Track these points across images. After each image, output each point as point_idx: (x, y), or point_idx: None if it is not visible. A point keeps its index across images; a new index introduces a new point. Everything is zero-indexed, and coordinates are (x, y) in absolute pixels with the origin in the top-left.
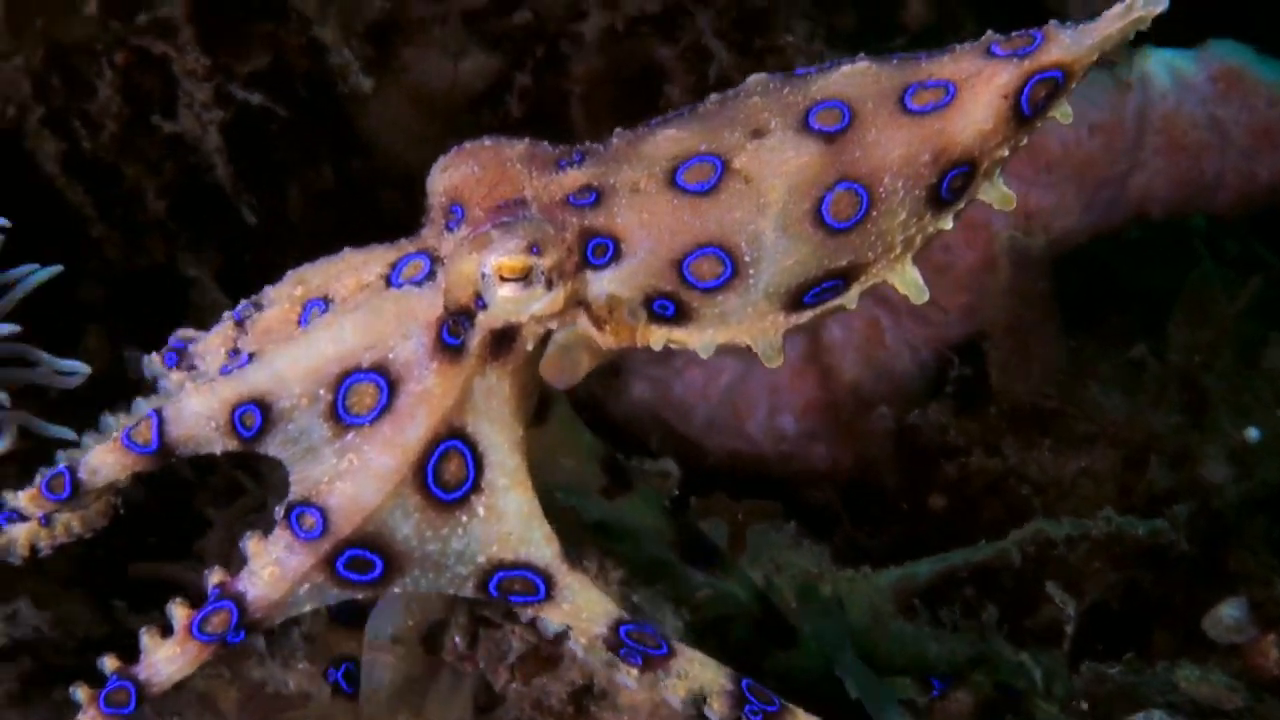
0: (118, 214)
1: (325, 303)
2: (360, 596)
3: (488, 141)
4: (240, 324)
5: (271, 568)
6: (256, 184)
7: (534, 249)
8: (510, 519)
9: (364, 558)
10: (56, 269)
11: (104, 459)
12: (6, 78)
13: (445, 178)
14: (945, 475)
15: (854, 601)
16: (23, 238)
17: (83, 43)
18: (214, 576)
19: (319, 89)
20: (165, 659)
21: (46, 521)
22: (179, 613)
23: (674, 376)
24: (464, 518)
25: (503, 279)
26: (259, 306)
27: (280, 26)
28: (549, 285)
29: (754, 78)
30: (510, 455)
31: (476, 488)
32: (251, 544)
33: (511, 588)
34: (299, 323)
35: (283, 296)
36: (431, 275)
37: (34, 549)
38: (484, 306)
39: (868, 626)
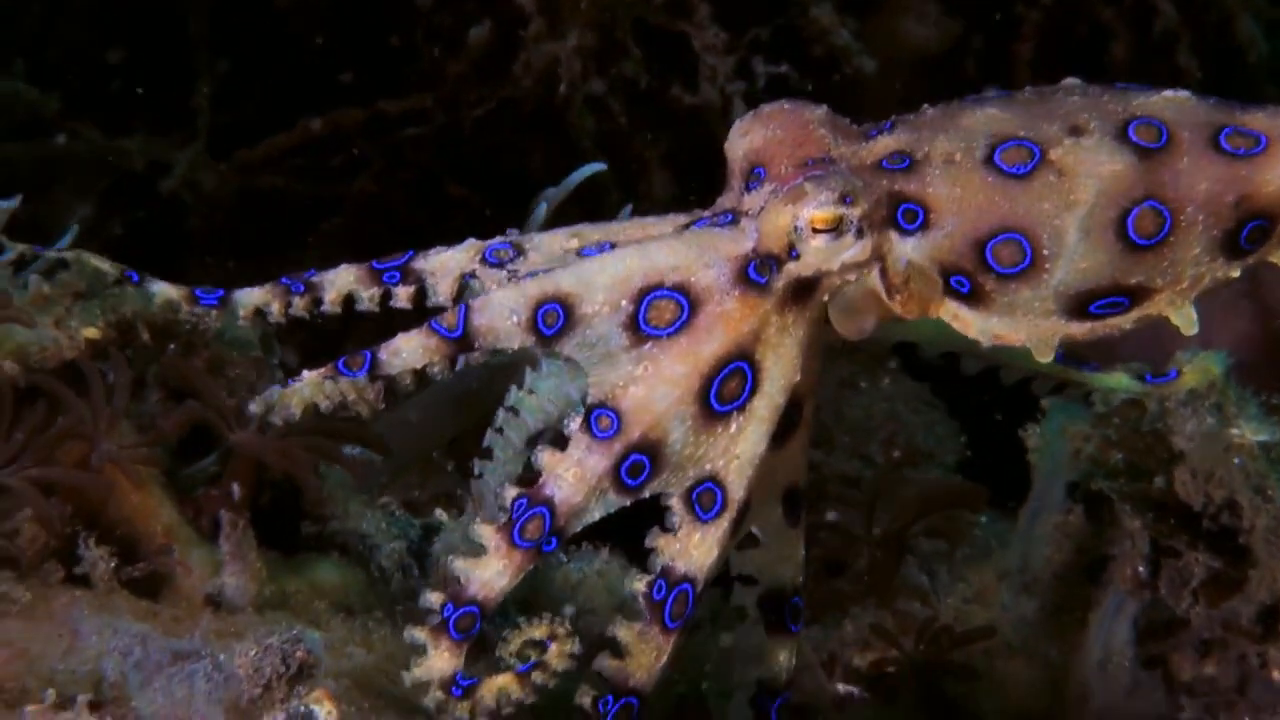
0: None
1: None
2: (628, 503)
3: (787, 105)
4: (493, 264)
5: (575, 469)
6: None
7: (846, 199)
8: (747, 446)
9: (640, 462)
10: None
11: (408, 342)
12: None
13: (746, 141)
14: None
15: None
16: None
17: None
18: (510, 491)
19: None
20: (495, 573)
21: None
22: (485, 530)
23: None
24: (720, 429)
25: (815, 230)
26: (520, 250)
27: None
28: (859, 234)
29: (1069, 80)
30: (781, 393)
31: (742, 408)
32: (546, 455)
33: (702, 499)
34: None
35: (556, 243)
36: (734, 222)
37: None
38: (796, 257)
39: None
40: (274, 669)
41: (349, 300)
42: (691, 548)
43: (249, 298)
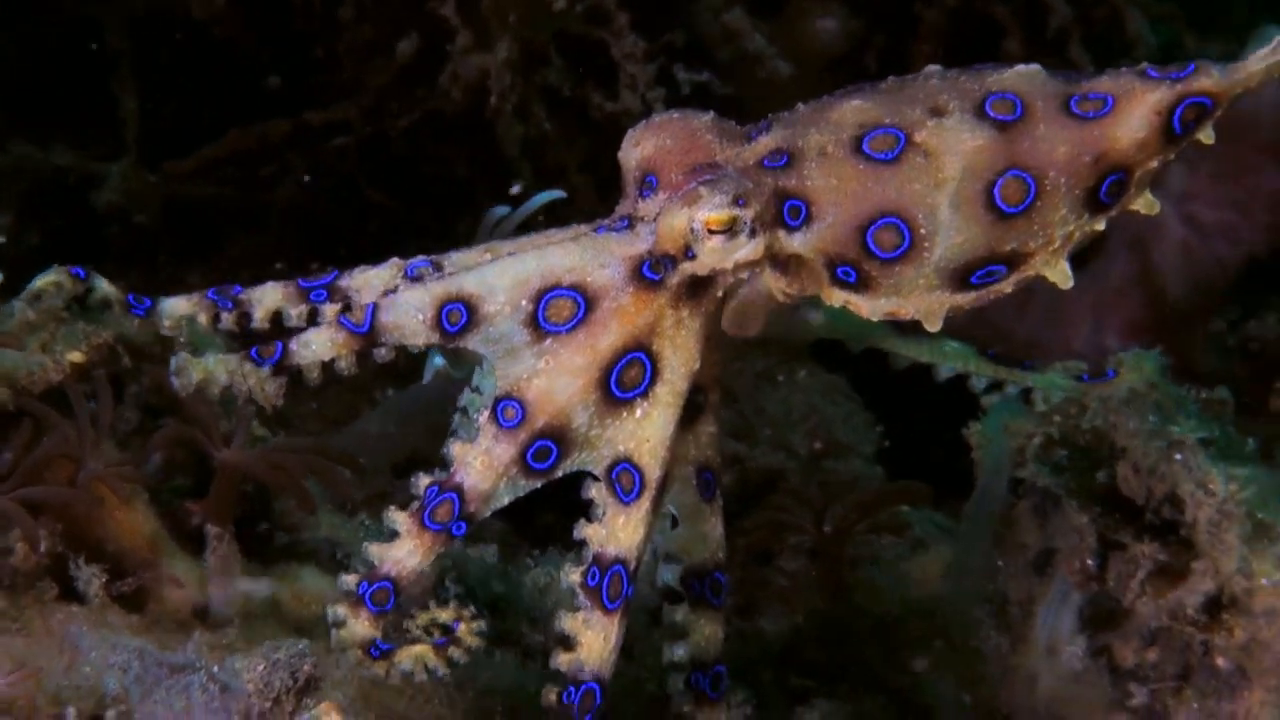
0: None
1: None
2: (538, 484)
3: (675, 114)
4: (414, 280)
5: (483, 457)
6: None
7: (739, 202)
8: (655, 429)
9: (545, 447)
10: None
11: (318, 336)
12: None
13: (638, 151)
14: None
15: None
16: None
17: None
18: (423, 480)
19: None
20: (407, 553)
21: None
22: (399, 516)
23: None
24: (625, 414)
25: (711, 232)
26: (439, 267)
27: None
28: (751, 234)
29: (930, 67)
30: (682, 379)
31: (645, 394)
32: (456, 447)
33: (620, 479)
34: None
35: (471, 258)
36: (629, 226)
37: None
38: (693, 257)
39: None
40: (283, 683)
41: (277, 316)
42: (618, 530)
43: (176, 307)
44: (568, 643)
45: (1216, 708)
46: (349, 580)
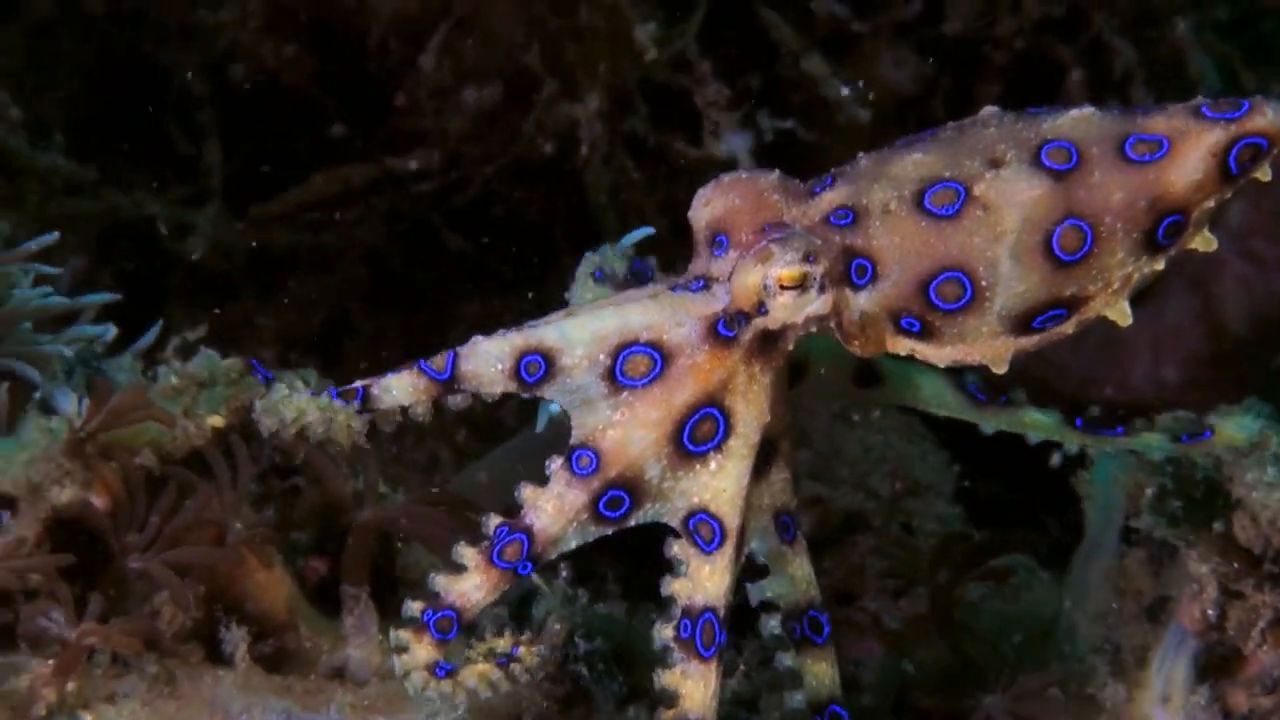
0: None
1: None
2: (609, 532)
3: (743, 174)
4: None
5: (554, 501)
6: None
7: (809, 258)
8: (730, 480)
9: (618, 496)
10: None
11: (399, 380)
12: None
13: (708, 211)
14: None
15: None
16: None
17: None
18: (494, 520)
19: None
20: (473, 587)
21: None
22: (467, 552)
23: None
24: (699, 466)
25: (783, 287)
26: None
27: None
28: (821, 289)
29: (987, 110)
30: (754, 433)
31: (719, 447)
32: (528, 490)
33: (699, 529)
34: None
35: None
36: (706, 287)
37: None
38: (765, 312)
39: None
40: None
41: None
42: (704, 580)
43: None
44: (670, 699)
45: None
46: (414, 606)
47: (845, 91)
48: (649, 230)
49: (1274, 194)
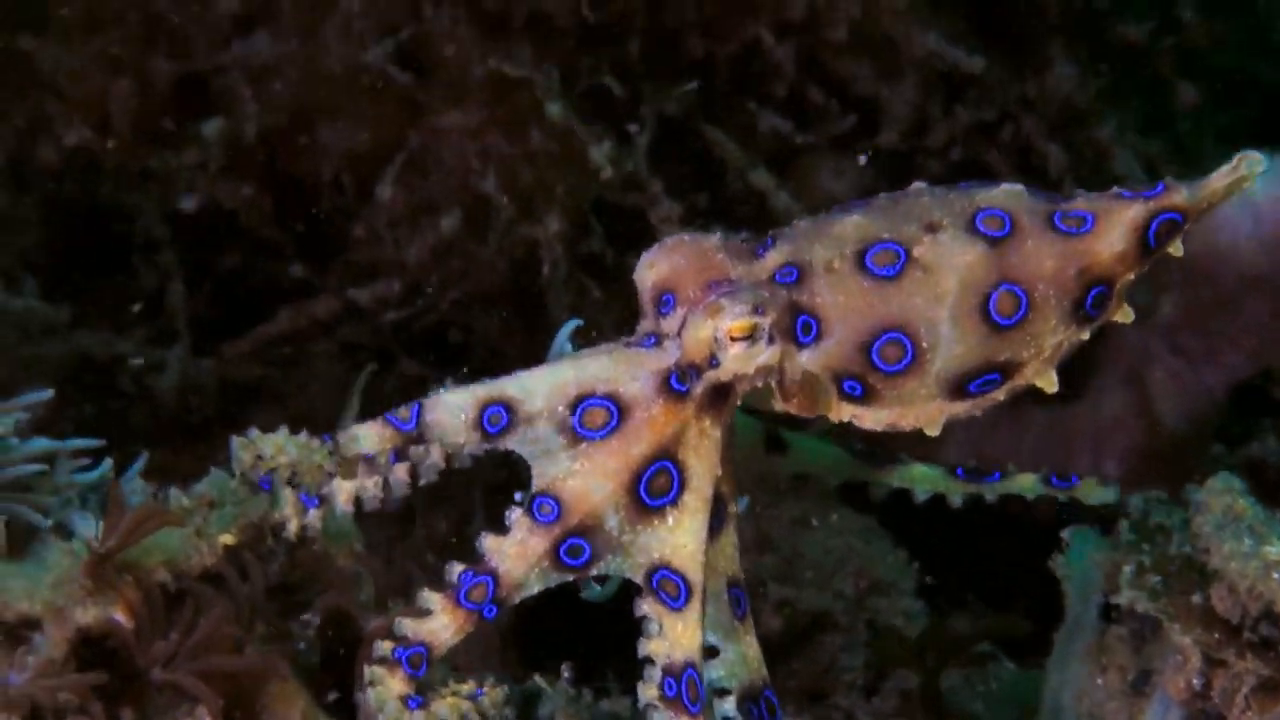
0: None
1: None
2: (570, 579)
3: (685, 237)
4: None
5: (517, 547)
6: None
7: (758, 310)
8: (688, 535)
9: (578, 545)
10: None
11: (365, 430)
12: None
13: (653, 272)
14: None
15: None
16: None
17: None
18: (457, 567)
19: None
20: (441, 626)
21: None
22: (434, 596)
23: (984, 437)
24: (656, 521)
25: (733, 339)
26: None
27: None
28: (770, 340)
29: (917, 185)
30: (707, 487)
31: (674, 502)
32: (489, 540)
33: (664, 586)
34: None
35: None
36: (657, 344)
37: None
38: (716, 365)
39: None
40: None
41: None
42: (679, 636)
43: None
44: None
45: None
46: (384, 646)
47: (787, 200)
48: (577, 322)
49: (1200, 288)
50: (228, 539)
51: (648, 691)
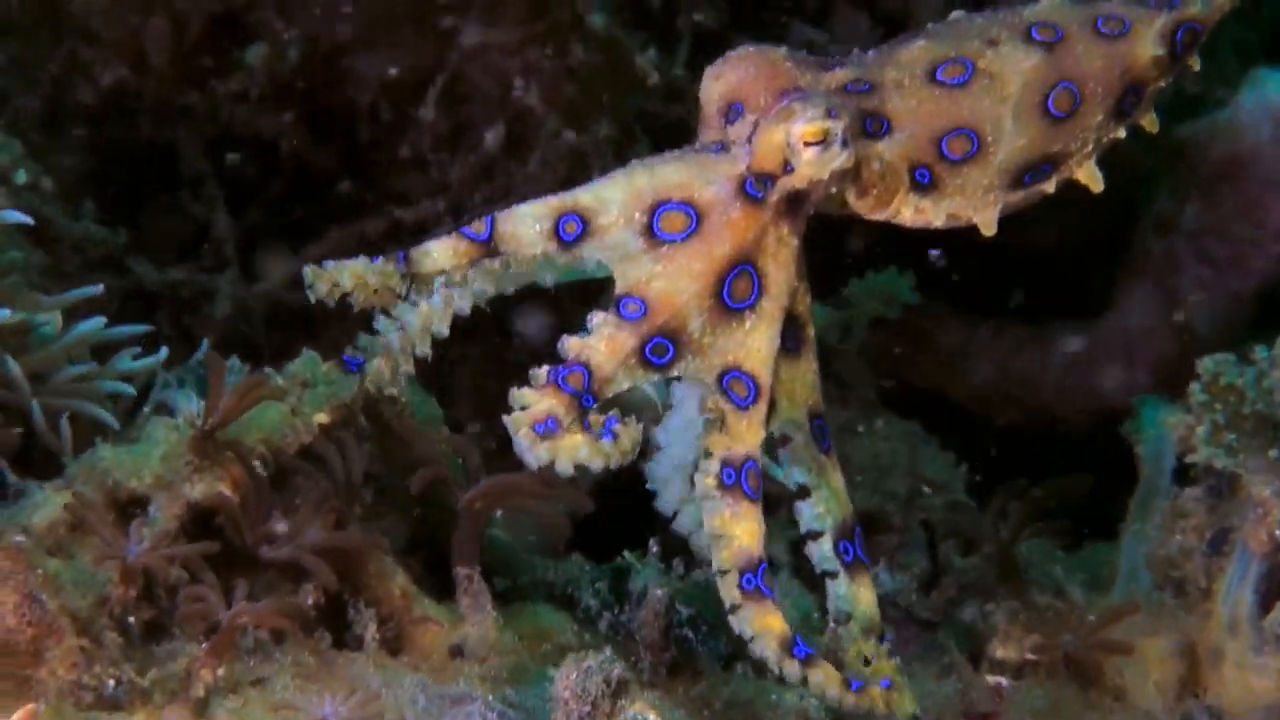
0: None
1: None
2: (655, 378)
3: (751, 48)
4: None
5: (607, 340)
6: None
7: (831, 113)
8: (762, 339)
9: (663, 344)
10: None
11: (439, 244)
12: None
13: (720, 84)
14: None
15: None
16: None
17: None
18: (544, 369)
19: None
20: (544, 410)
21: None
22: (539, 373)
23: (1012, 355)
24: (735, 324)
25: (806, 144)
26: None
27: None
28: (844, 144)
29: (956, 13)
30: (783, 295)
31: (753, 307)
32: (572, 340)
33: (734, 387)
34: None
35: None
36: (724, 150)
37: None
38: (790, 171)
39: None
40: (598, 688)
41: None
42: (743, 431)
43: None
44: (720, 540)
45: None
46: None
47: None
48: None
49: (1225, 194)
50: (322, 418)
51: (705, 481)
